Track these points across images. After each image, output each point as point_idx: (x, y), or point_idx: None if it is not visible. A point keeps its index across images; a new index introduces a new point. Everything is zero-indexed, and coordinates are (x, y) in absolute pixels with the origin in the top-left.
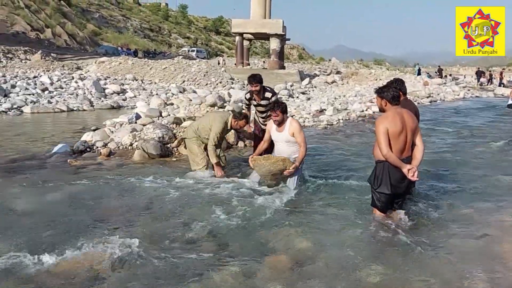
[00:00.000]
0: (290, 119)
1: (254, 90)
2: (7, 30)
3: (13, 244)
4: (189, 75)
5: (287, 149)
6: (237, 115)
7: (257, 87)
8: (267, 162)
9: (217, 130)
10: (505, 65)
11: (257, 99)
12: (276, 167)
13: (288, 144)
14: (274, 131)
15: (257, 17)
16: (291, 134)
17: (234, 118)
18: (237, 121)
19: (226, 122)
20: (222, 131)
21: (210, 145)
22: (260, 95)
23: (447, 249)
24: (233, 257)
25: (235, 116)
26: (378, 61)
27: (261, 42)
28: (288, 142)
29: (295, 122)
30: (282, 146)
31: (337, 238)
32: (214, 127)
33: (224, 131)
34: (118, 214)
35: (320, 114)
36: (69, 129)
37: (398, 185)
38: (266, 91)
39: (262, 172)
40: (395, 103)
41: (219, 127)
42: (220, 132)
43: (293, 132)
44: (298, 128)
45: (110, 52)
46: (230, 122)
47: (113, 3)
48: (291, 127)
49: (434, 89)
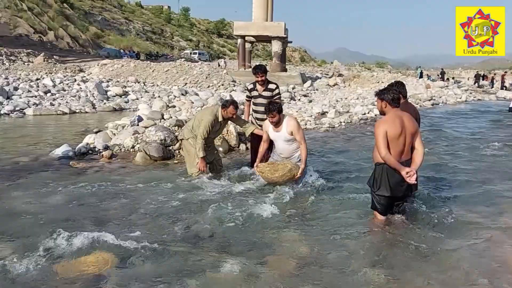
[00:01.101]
0: (287, 118)
1: (260, 80)
2: (10, 32)
3: (15, 246)
4: (191, 78)
5: (287, 147)
6: (225, 103)
7: (263, 77)
8: (274, 176)
9: (206, 122)
10: (507, 68)
11: (260, 90)
12: (284, 178)
13: (287, 143)
14: (272, 131)
15: (259, 20)
16: (289, 132)
17: (223, 108)
18: (225, 109)
19: (215, 115)
20: (212, 124)
21: (199, 138)
22: (264, 86)
23: (448, 253)
24: (234, 259)
25: (223, 105)
26: (380, 64)
27: (263, 44)
28: (287, 141)
29: (293, 120)
30: (281, 145)
31: (338, 241)
32: (204, 120)
33: (214, 124)
34: (120, 216)
35: (322, 116)
36: (71, 131)
37: (397, 187)
38: (270, 83)
39: (269, 180)
40: (395, 105)
41: (209, 119)
42: (209, 125)
43: (292, 131)
44: (296, 126)
45: (113, 54)
46: (220, 113)
47: (115, 5)
48: (289, 126)
49: (436, 92)
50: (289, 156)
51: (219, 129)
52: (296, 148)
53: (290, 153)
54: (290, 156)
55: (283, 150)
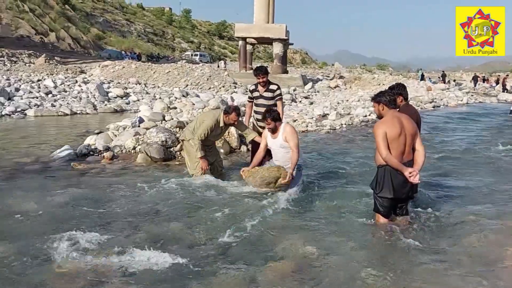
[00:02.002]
0: (284, 125)
1: (261, 81)
2: (12, 33)
3: (15, 246)
4: (192, 79)
5: (283, 155)
6: (227, 109)
7: (264, 78)
8: (261, 168)
9: (206, 126)
10: (508, 71)
11: (261, 90)
12: (270, 174)
13: (283, 150)
14: (269, 138)
15: (260, 22)
16: (284, 139)
17: (225, 114)
18: (227, 115)
19: (217, 119)
20: (211, 128)
21: (196, 139)
22: (265, 87)
23: (450, 254)
24: (235, 261)
25: (225, 111)
26: (381, 66)
27: (264, 46)
28: (283, 148)
29: (289, 127)
30: (278, 152)
31: (340, 244)
32: (205, 123)
33: (215, 128)
34: (121, 218)
35: (323, 118)
36: (73, 132)
37: (400, 189)
38: (271, 84)
39: (255, 181)
40: (392, 107)
41: (210, 123)
42: (209, 128)
43: (285, 137)
44: (290, 132)
45: (114, 56)
46: (222, 119)
47: (117, 7)
48: (284, 132)
49: (437, 95)
50: (284, 165)
51: (220, 133)
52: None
53: (286, 161)
54: (285, 165)
55: (278, 157)
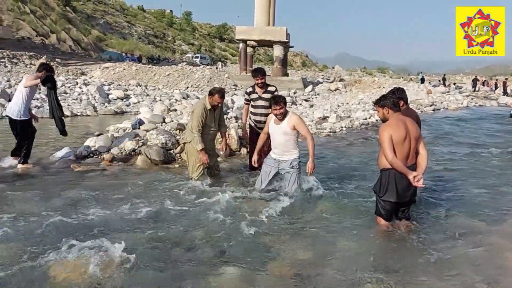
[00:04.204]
0: (290, 113)
1: (259, 82)
2: (13, 35)
3: (15, 248)
4: (192, 81)
5: (283, 142)
6: (212, 90)
7: (262, 79)
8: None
9: (197, 114)
10: (508, 74)
11: (260, 92)
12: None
13: (285, 137)
14: (272, 123)
15: (261, 25)
16: (290, 127)
17: (209, 95)
18: (211, 97)
19: (204, 104)
20: (203, 114)
21: (194, 130)
22: (263, 88)
23: (451, 259)
24: (235, 264)
25: (209, 93)
26: (382, 69)
27: (265, 49)
28: (285, 135)
29: (295, 115)
30: (277, 138)
31: (340, 247)
32: (195, 112)
33: (205, 114)
34: (120, 220)
35: (323, 121)
36: (73, 134)
37: (404, 193)
38: (269, 86)
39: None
40: (397, 110)
41: (199, 111)
42: (201, 116)
43: (294, 125)
44: (298, 120)
45: (115, 58)
46: (207, 101)
47: (118, 9)
48: (290, 120)
49: (437, 98)
50: (282, 153)
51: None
52: (292, 148)
53: (284, 149)
54: (284, 153)
55: (278, 144)
